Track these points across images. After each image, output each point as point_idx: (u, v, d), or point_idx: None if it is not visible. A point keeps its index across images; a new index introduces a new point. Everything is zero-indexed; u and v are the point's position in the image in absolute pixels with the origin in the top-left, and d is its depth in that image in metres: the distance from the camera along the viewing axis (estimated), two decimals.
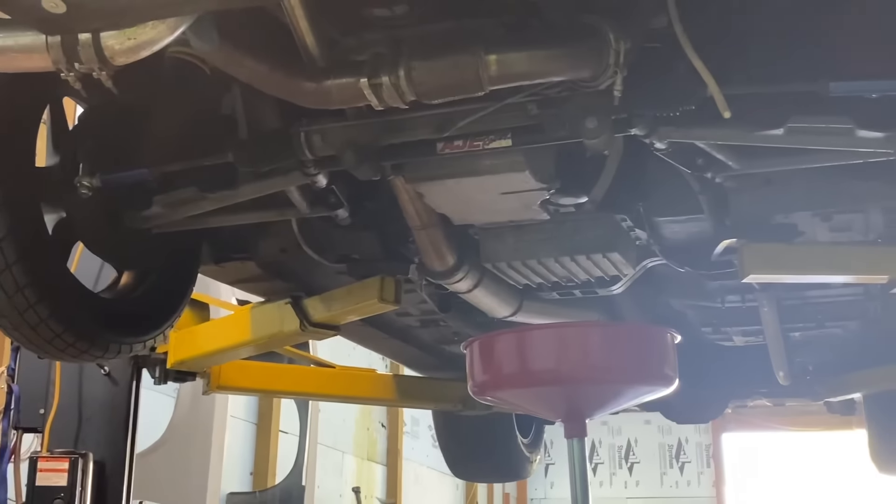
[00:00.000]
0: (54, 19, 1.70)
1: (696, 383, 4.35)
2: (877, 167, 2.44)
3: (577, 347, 2.31)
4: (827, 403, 4.65)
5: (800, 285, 3.35)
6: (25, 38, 1.82)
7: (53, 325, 2.50)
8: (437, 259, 2.88)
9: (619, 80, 2.05)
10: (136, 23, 1.80)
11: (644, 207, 2.84)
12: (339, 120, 2.30)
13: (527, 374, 2.31)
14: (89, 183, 2.48)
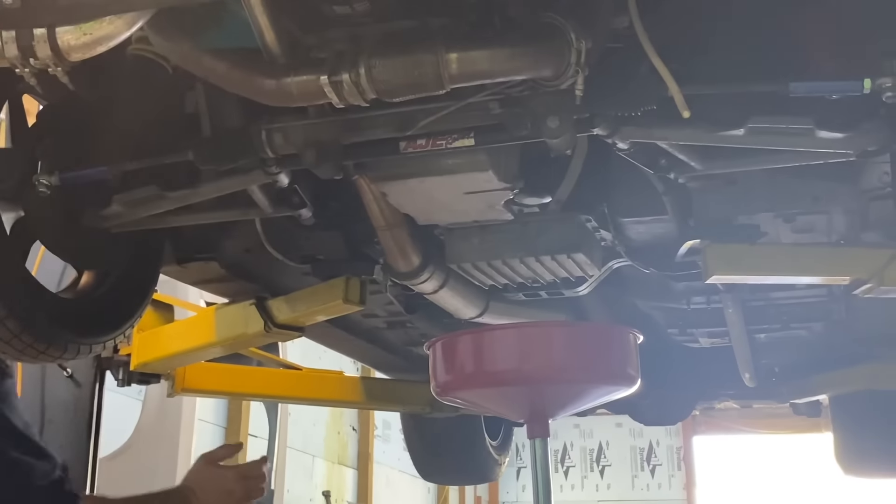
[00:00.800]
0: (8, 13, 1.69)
1: (663, 385, 4.38)
2: (838, 168, 2.46)
3: (539, 347, 2.31)
4: (793, 405, 4.69)
5: (764, 286, 3.37)
6: None
7: (11, 326, 2.48)
8: (402, 260, 2.87)
9: (580, 79, 2.05)
10: (92, 18, 1.79)
11: (608, 208, 2.85)
12: (300, 118, 2.28)
13: (489, 375, 2.31)
14: (48, 181, 2.45)
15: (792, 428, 12.00)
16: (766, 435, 14.64)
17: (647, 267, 3.04)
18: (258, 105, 2.20)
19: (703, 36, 2.20)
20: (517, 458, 12.22)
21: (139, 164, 2.50)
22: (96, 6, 1.72)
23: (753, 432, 14.57)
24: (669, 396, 4.57)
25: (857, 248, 2.82)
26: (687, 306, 3.58)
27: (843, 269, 2.78)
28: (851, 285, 2.79)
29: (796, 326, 3.83)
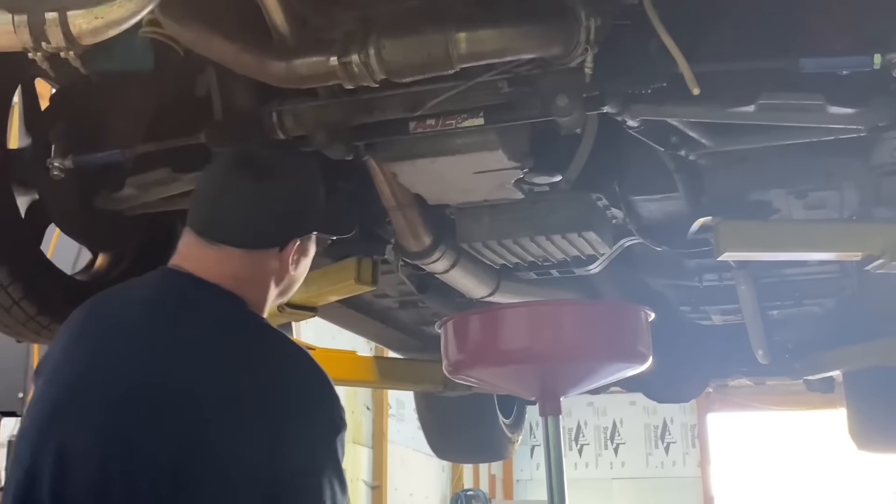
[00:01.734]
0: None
1: (676, 362, 4.38)
2: (850, 144, 2.46)
3: (550, 326, 2.31)
4: (806, 381, 4.68)
5: (776, 263, 3.38)
6: None
7: (27, 307, 2.50)
8: (413, 239, 2.89)
9: (590, 57, 2.06)
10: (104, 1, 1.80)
11: (619, 186, 2.84)
12: (310, 99, 2.30)
13: (500, 353, 2.31)
14: (61, 164, 2.47)
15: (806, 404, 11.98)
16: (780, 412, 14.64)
17: (658, 245, 3.03)
18: (269, 87, 2.22)
19: (713, 13, 2.19)
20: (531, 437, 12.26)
21: (152, 147, 2.52)
22: None
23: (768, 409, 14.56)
24: (682, 374, 4.57)
25: (869, 223, 2.82)
26: (699, 284, 3.58)
27: (855, 245, 2.78)
28: (863, 261, 2.79)
29: (809, 303, 3.84)
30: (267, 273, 1.89)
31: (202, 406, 1.63)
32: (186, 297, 1.81)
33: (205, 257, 1.83)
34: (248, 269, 1.86)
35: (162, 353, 1.70)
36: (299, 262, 1.94)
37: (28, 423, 1.74)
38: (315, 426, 1.74)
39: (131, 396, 1.64)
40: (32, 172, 2.53)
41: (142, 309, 1.80)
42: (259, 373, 1.72)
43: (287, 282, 1.95)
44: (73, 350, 1.79)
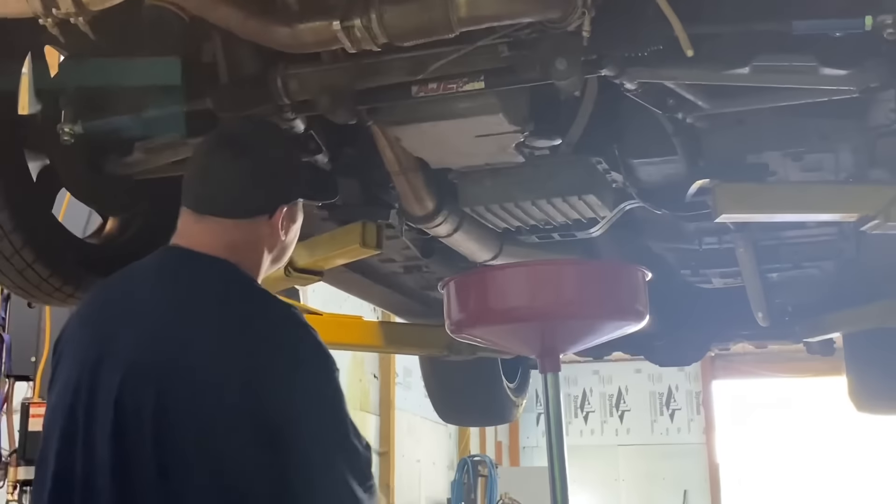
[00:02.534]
0: None
1: (678, 326, 4.43)
2: (845, 105, 2.48)
3: (549, 284, 2.35)
4: (806, 344, 4.72)
5: (775, 225, 3.40)
6: None
7: (39, 270, 2.54)
8: (417, 203, 2.90)
9: (587, 20, 2.07)
10: None
11: (619, 150, 2.86)
12: (314, 64, 2.32)
13: (501, 312, 2.35)
14: (71, 130, 2.48)
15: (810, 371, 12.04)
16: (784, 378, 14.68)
17: (658, 208, 3.06)
18: (273, 52, 2.25)
19: None
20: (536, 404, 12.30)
21: (161, 112, 2.54)
22: None
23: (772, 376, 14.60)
24: (684, 337, 4.61)
25: (865, 185, 2.85)
26: (699, 247, 3.61)
27: (851, 206, 2.80)
28: (860, 222, 2.82)
29: (808, 265, 3.87)
30: (259, 240, 2.02)
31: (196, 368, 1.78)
32: (182, 270, 1.97)
33: (200, 231, 1.98)
34: (241, 237, 1.99)
35: (162, 327, 1.85)
36: (289, 229, 2.08)
37: (55, 401, 1.91)
38: (307, 370, 1.85)
39: (137, 373, 1.78)
40: (43, 138, 2.55)
41: (142, 288, 1.97)
42: (248, 326, 1.84)
43: (280, 247, 2.08)
44: (84, 334, 1.95)
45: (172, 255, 2.01)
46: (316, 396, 1.84)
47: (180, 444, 1.74)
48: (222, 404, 1.76)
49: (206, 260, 1.95)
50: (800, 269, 3.89)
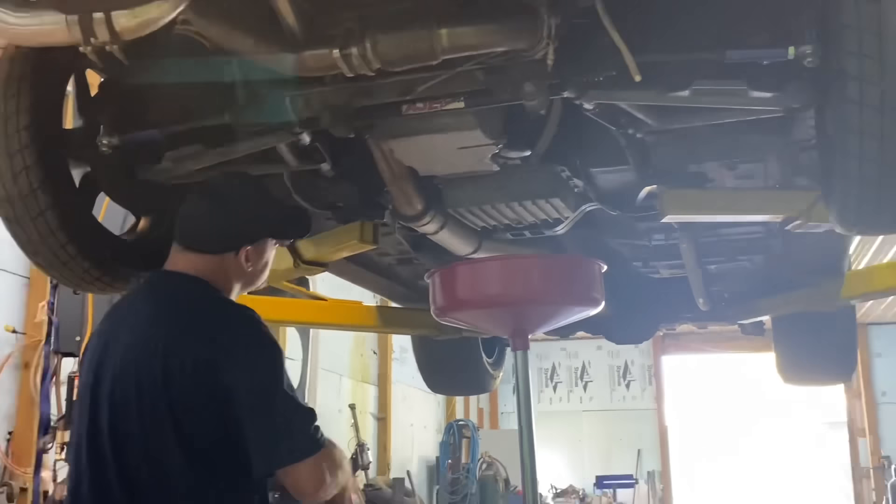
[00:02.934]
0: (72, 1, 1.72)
1: (631, 309, 4.42)
2: (772, 123, 2.49)
3: (519, 275, 2.35)
4: (740, 325, 4.71)
5: (713, 224, 3.39)
6: (49, 17, 1.84)
7: (81, 262, 2.53)
8: (407, 205, 2.89)
9: (551, 50, 2.08)
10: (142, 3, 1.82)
11: (580, 160, 2.86)
12: (318, 86, 2.31)
13: (478, 298, 2.35)
14: (109, 142, 2.49)
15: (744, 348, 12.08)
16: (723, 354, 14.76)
17: (613, 209, 3.05)
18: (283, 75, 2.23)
19: (655, 12, 2.20)
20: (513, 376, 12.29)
21: (185, 126, 2.54)
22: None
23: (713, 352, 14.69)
24: (637, 319, 4.59)
25: (789, 190, 2.85)
26: (648, 243, 3.59)
27: (778, 209, 2.82)
28: (785, 222, 2.83)
29: (741, 258, 3.87)
30: (227, 270, 2.24)
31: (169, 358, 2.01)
32: (162, 285, 2.26)
33: (183, 260, 2.24)
34: (212, 267, 2.22)
35: (145, 327, 2.11)
36: (256, 262, 2.29)
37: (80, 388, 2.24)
38: (250, 349, 2.06)
39: (126, 368, 2.06)
40: (85, 149, 2.53)
41: (135, 302, 2.28)
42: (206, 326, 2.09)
43: (247, 276, 2.29)
44: (95, 345, 2.21)
45: (159, 275, 2.29)
46: (255, 366, 2.04)
47: (154, 412, 1.99)
48: (187, 377, 1.99)
49: (182, 277, 2.21)
50: (734, 262, 3.89)
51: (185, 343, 2.04)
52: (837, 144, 2.05)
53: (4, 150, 2.38)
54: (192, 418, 1.99)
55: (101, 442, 2.03)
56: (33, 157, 2.37)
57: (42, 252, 2.48)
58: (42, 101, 2.42)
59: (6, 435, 5.36)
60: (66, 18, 1.82)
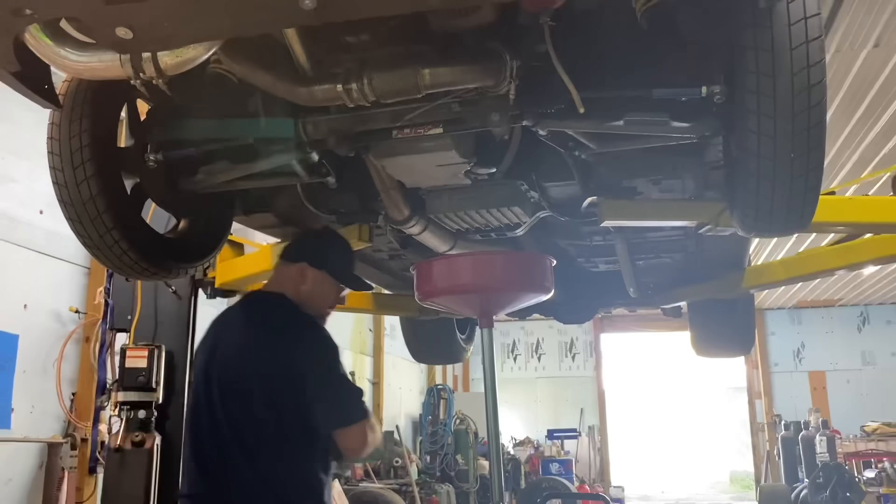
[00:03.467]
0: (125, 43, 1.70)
1: (575, 296, 4.44)
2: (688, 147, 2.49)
3: (486, 268, 2.33)
4: (663, 309, 4.75)
5: (641, 229, 3.40)
6: (106, 56, 1.82)
7: (132, 255, 2.51)
8: (396, 211, 2.88)
9: (513, 87, 2.08)
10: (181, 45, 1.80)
11: (536, 176, 2.84)
12: (324, 114, 2.30)
13: (453, 286, 2.34)
14: (154, 158, 2.48)
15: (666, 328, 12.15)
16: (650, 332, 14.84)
17: (562, 216, 3.04)
18: (297, 105, 2.23)
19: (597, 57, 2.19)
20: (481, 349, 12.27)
21: (217, 146, 2.52)
22: (182, 38, 1.73)
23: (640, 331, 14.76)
24: (580, 304, 4.61)
25: (701, 202, 2.86)
26: (590, 243, 3.60)
27: (693, 216, 2.83)
28: (698, 227, 2.84)
29: (664, 256, 3.89)
30: (290, 279, 2.34)
31: (251, 363, 2.17)
32: (251, 302, 2.43)
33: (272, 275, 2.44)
34: (283, 272, 2.37)
35: (236, 339, 2.23)
36: (312, 284, 2.35)
37: (192, 397, 2.34)
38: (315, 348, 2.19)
39: (231, 361, 2.20)
40: (135, 163, 2.52)
41: (231, 316, 2.39)
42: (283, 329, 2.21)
43: (303, 292, 2.33)
44: (203, 347, 2.33)
45: (250, 294, 2.49)
46: (318, 360, 2.17)
47: (246, 404, 2.13)
48: (269, 373, 2.12)
49: (265, 294, 2.37)
50: (658, 259, 3.91)
51: (270, 343, 2.18)
52: (739, 165, 2.07)
53: (70, 163, 2.35)
54: (278, 398, 2.12)
55: (218, 417, 2.17)
56: (92, 170, 2.35)
57: (99, 247, 2.46)
58: (100, 124, 2.40)
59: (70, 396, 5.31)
60: (119, 57, 1.80)
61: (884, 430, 10.49)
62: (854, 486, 8.17)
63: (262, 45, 2.07)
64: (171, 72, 1.83)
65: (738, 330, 4.87)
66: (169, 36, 1.68)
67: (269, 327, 2.25)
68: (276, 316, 2.29)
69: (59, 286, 5.43)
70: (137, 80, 1.84)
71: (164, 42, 1.75)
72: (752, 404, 14.59)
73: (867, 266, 3.84)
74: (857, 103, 6.39)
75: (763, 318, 14.48)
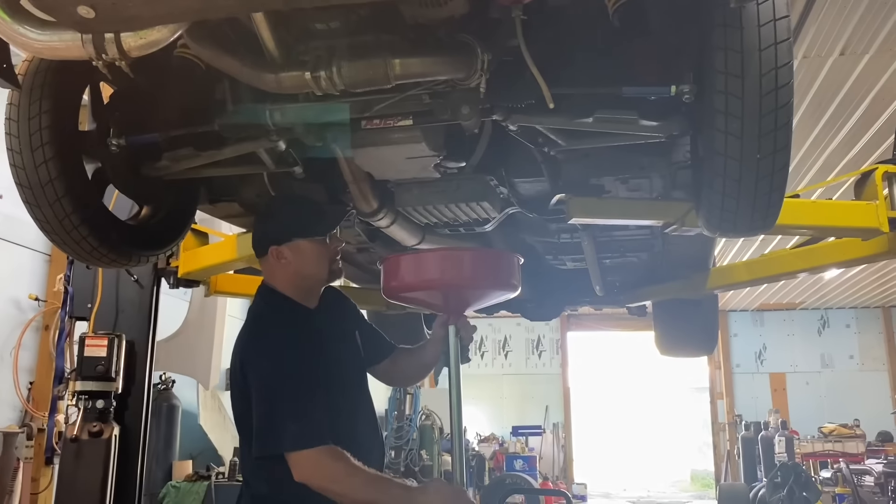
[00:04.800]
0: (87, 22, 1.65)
1: (543, 293, 4.44)
2: (656, 147, 2.50)
3: (454, 264, 2.29)
4: (628, 308, 4.78)
5: (608, 227, 3.40)
6: (67, 35, 1.77)
7: (91, 241, 2.46)
8: (365, 203, 2.84)
9: (483, 80, 2.07)
10: (145, 27, 1.76)
11: (505, 171, 2.84)
12: (292, 102, 2.26)
13: (420, 282, 2.29)
14: (117, 142, 2.43)
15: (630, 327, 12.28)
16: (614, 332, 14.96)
17: (531, 212, 3.03)
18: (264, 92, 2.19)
19: (568, 53, 2.20)
20: None
21: (181, 132, 2.47)
22: (145, 19, 1.69)
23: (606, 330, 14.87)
24: (546, 301, 4.61)
25: (668, 201, 2.87)
26: (558, 240, 3.59)
27: (659, 215, 2.84)
28: (664, 226, 2.86)
29: (630, 255, 3.89)
30: (273, 269, 2.24)
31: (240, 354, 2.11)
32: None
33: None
34: (266, 268, 2.28)
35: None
36: (295, 258, 2.22)
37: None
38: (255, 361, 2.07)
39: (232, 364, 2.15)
40: (97, 147, 2.46)
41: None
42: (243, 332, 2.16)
43: (295, 271, 2.23)
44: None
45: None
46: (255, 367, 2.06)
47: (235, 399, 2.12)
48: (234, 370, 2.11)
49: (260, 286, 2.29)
50: (624, 258, 3.92)
51: (238, 339, 2.16)
52: (706, 165, 2.07)
53: (28, 145, 2.30)
54: (242, 406, 2.07)
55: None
56: (51, 153, 2.30)
57: (57, 232, 2.41)
58: (61, 105, 2.34)
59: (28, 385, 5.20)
60: (81, 37, 1.75)
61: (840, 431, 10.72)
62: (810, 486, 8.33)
63: (230, 31, 2.03)
64: (134, 54, 1.79)
65: (702, 330, 4.92)
66: (133, 17, 1.64)
67: (245, 325, 2.20)
68: (250, 311, 2.25)
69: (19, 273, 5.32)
70: (99, 61, 1.80)
71: (128, 23, 1.70)
72: (714, 404, 14.78)
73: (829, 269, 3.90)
74: (822, 109, 6.49)
75: (726, 320, 14.68)
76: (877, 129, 6.76)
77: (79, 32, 1.75)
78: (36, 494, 4.94)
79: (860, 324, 14.45)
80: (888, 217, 2.93)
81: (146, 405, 4.00)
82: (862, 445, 10.33)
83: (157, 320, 4.12)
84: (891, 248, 3.15)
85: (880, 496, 8.01)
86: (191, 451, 6.72)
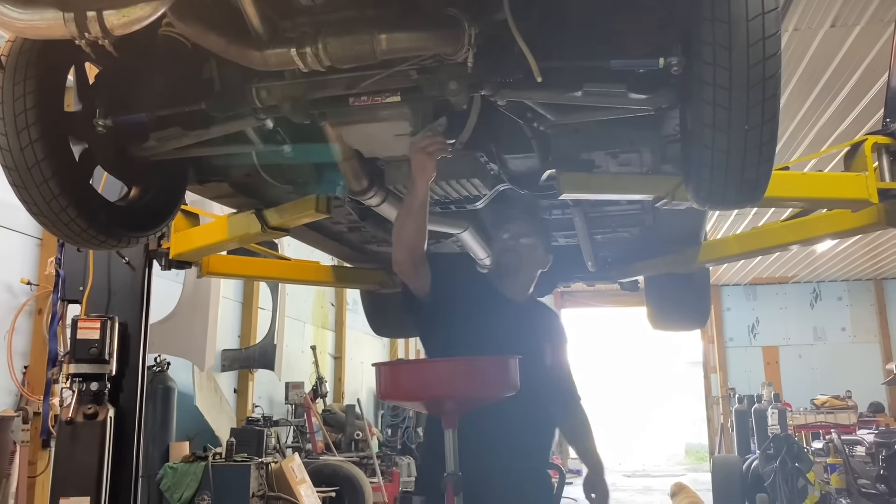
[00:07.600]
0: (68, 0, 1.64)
1: None
2: (646, 120, 2.49)
3: (448, 374, 2.04)
4: (620, 283, 4.78)
5: (599, 202, 3.40)
6: (48, 14, 1.75)
7: (80, 223, 2.45)
8: (355, 182, 2.83)
9: (471, 55, 2.05)
10: (128, 4, 1.74)
11: (495, 147, 2.82)
12: (279, 79, 2.25)
13: (415, 390, 2.03)
14: (104, 123, 2.41)
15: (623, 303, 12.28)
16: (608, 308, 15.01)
17: (521, 189, 3.02)
18: (251, 70, 2.17)
19: (557, 26, 2.18)
20: None
21: (169, 111, 2.45)
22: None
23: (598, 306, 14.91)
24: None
25: (658, 175, 2.86)
26: (549, 216, 3.60)
27: (649, 189, 2.83)
28: (655, 200, 2.85)
29: (621, 230, 3.90)
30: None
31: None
32: None
33: None
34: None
35: None
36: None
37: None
38: None
39: None
40: (83, 128, 2.44)
41: None
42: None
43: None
44: None
45: None
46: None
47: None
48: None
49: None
50: (616, 233, 3.92)
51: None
52: (694, 137, 2.07)
53: (13, 126, 2.28)
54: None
55: None
56: (37, 134, 2.28)
57: (45, 214, 2.40)
58: (46, 86, 2.32)
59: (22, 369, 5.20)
60: (63, 15, 1.73)
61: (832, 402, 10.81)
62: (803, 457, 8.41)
63: (214, 7, 2.01)
64: (117, 32, 1.77)
65: (694, 304, 4.93)
66: None
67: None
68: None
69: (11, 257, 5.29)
70: (82, 40, 1.78)
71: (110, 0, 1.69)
72: (708, 378, 14.89)
73: (821, 241, 3.91)
74: (814, 82, 6.48)
75: (719, 294, 14.75)
76: (868, 101, 6.75)
77: (60, 11, 1.73)
78: (33, 478, 4.95)
79: (852, 296, 14.53)
80: (877, 188, 2.93)
81: (141, 387, 4.00)
82: (854, 416, 10.42)
83: (149, 302, 4.11)
84: (880, 218, 3.15)
85: (871, 465, 8.10)
86: (187, 433, 6.74)
